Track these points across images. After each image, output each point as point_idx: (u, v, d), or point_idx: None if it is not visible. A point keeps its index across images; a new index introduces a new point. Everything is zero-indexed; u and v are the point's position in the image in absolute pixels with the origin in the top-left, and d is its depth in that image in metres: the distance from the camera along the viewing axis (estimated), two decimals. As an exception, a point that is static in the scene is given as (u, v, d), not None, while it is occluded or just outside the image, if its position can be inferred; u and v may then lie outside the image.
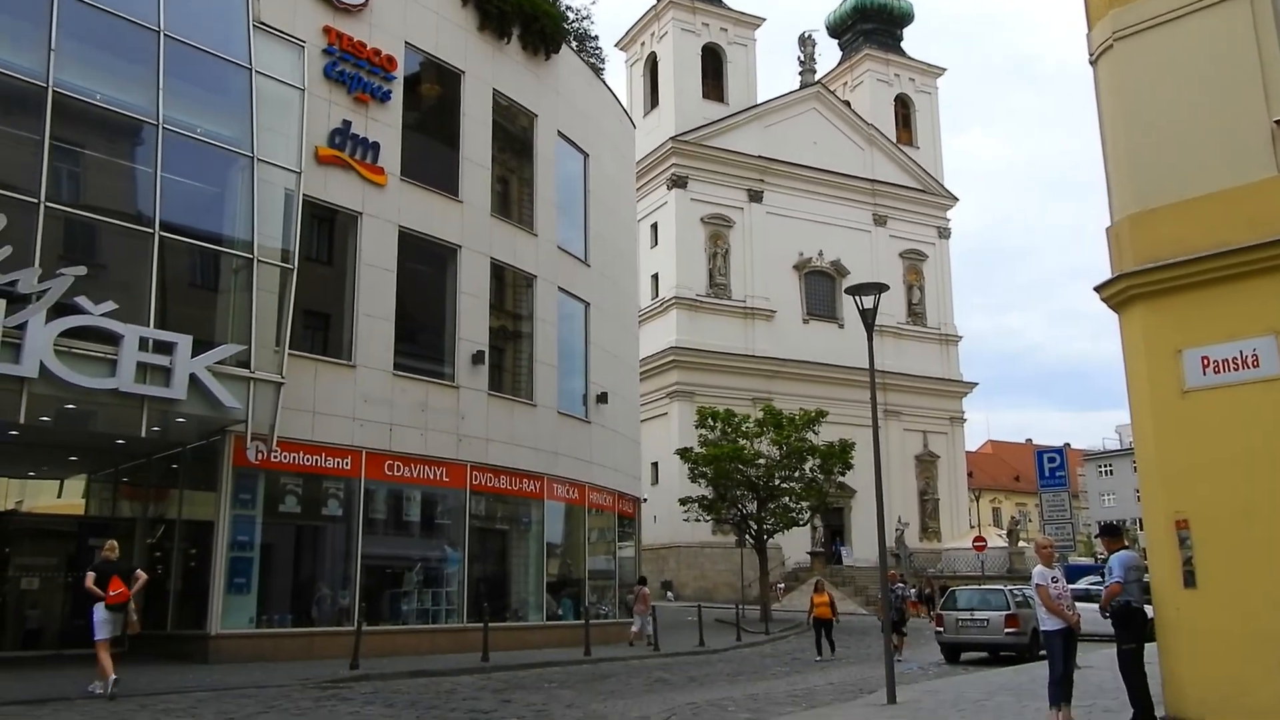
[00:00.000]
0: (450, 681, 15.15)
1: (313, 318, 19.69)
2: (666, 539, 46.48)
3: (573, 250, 25.63)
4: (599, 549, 25.94)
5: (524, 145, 24.83)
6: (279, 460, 17.43)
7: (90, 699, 11.86)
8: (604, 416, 26.04)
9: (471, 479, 20.99)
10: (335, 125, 19.39)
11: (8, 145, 15.02)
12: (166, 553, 19.14)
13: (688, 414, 45.67)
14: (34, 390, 13.81)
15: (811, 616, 21.79)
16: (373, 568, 19.23)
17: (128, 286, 15.30)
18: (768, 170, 55.31)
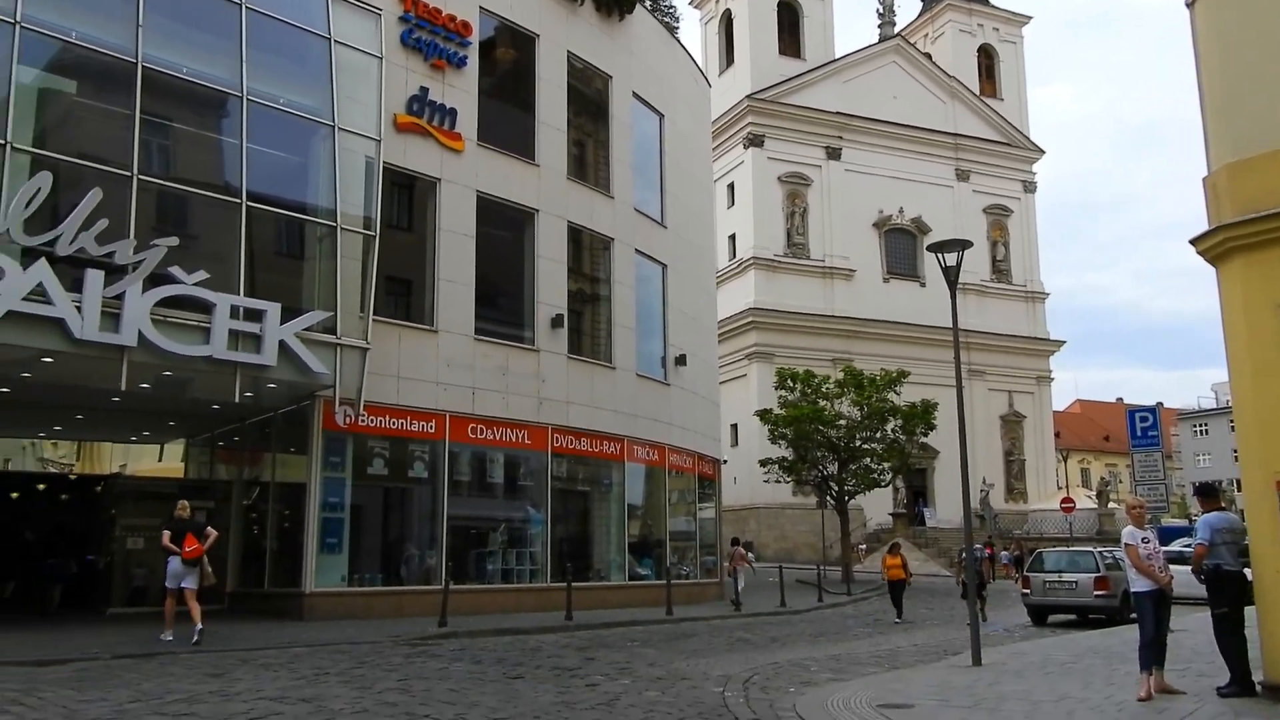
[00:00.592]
0: (535, 639, 15.43)
1: (395, 284, 20.00)
2: (746, 500, 46.47)
3: (649, 212, 25.54)
4: (679, 510, 26.05)
5: (599, 107, 24.74)
6: (366, 424, 17.82)
7: (194, 651, 12.35)
8: (683, 379, 26.04)
9: (552, 441, 21.22)
10: (413, 92, 19.56)
11: (101, 121, 15.51)
12: (261, 514, 19.78)
13: (767, 375, 45.40)
14: (133, 358, 14.32)
15: (885, 579, 21.65)
16: (458, 528, 19.62)
17: (218, 256, 15.71)
18: (846, 127, 54.29)
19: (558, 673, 11.33)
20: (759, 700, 9.54)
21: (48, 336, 13.51)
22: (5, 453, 31.52)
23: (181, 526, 13.74)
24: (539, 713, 8.51)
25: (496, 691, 9.75)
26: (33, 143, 14.24)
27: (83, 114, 15.96)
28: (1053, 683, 10.21)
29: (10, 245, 13.23)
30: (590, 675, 11.15)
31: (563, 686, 10.22)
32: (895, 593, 21.07)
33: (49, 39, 14.44)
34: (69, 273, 13.64)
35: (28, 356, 14.08)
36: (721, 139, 50.57)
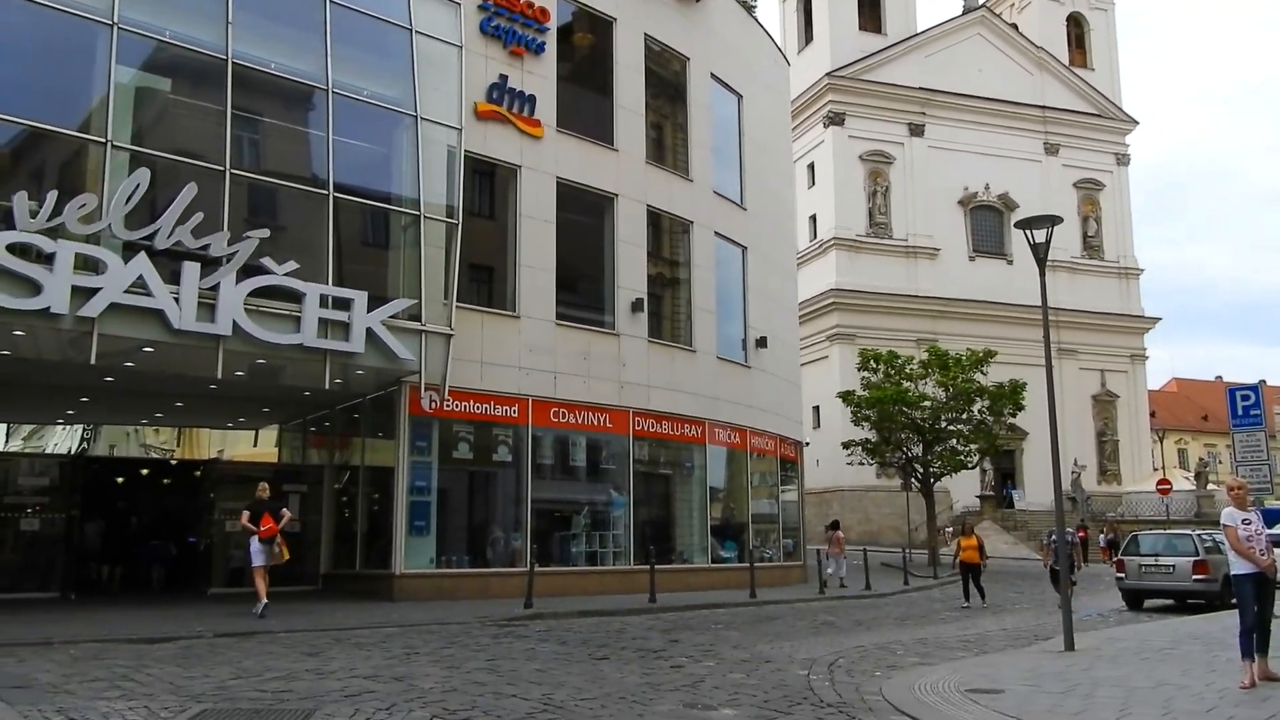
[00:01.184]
0: (619, 621, 15.56)
1: (477, 271, 20.26)
2: (829, 483, 46.10)
3: (728, 194, 25.41)
4: (761, 493, 25.96)
5: (677, 90, 24.66)
6: (451, 409, 18.13)
7: (290, 632, 12.75)
8: (764, 361, 25.90)
9: (634, 425, 21.32)
10: (493, 80, 19.75)
11: (195, 117, 16.00)
12: (352, 497, 20.29)
13: (849, 357, 44.88)
14: (228, 347, 14.79)
15: (958, 561, 20.96)
16: (542, 511, 19.86)
17: (306, 246, 16.12)
18: (929, 102, 53.18)
19: (642, 654, 11.42)
20: (845, 684, 9.49)
21: (148, 327, 14.03)
22: (111, 439, 32.86)
23: (259, 507, 14.97)
24: (625, 693, 8.59)
25: (582, 672, 9.87)
26: (131, 140, 14.78)
27: (177, 111, 16.48)
28: (1150, 669, 9.94)
29: (112, 240, 13.77)
30: (675, 657, 11.22)
31: (648, 668, 10.29)
32: (969, 576, 20.20)
33: (144, 39, 14.96)
34: (167, 265, 14.14)
35: (130, 346, 14.64)
36: (801, 118, 50.01)
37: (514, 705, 7.89)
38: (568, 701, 8.11)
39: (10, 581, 18.28)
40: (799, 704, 8.31)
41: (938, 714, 7.78)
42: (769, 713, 7.88)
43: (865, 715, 7.91)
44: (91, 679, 8.72)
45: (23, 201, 13.07)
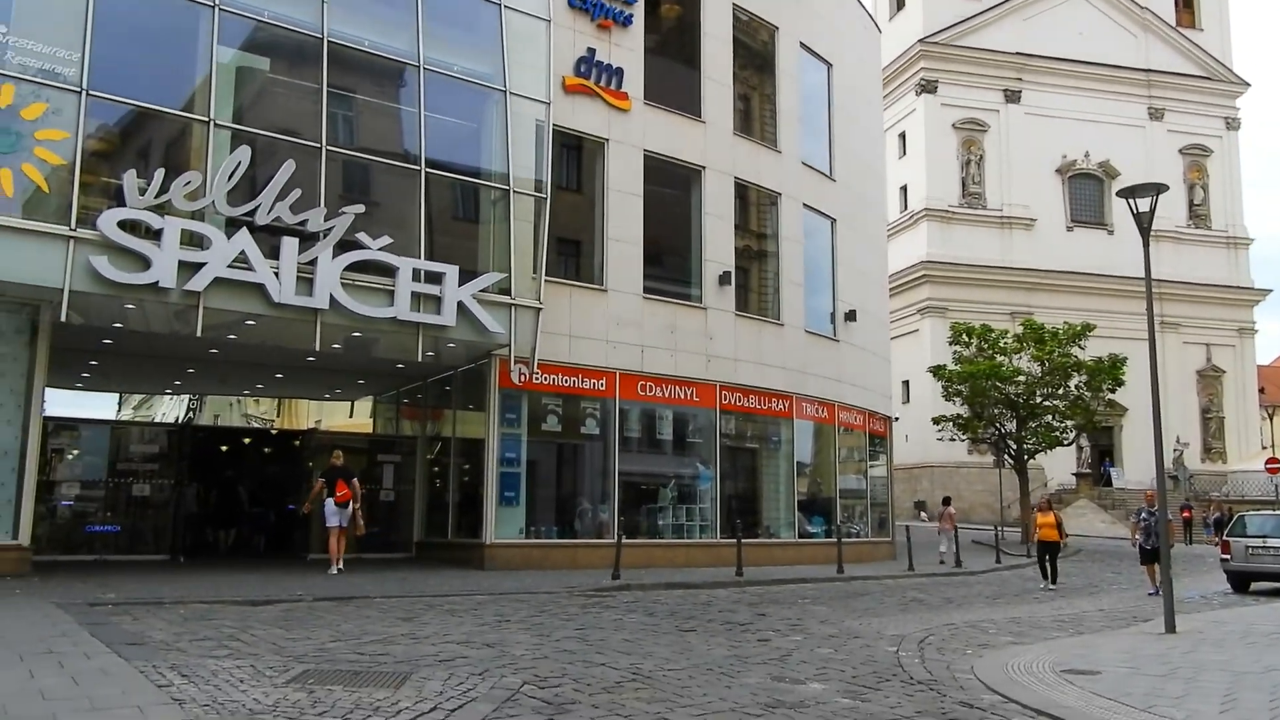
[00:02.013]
0: (706, 594, 15.62)
1: (565, 244, 20.39)
2: (919, 458, 45.45)
3: (817, 165, 25.06)
4: (849, 468, 25.73)
5: (765, 60, 24.36)
6: (540, 382, 18.37)
7: (386, 597, 13.11)
8: (852, 334, 25.58)
9: (721, 399, 21.28)
10: (580, 54, 19.77)
11: (293, 96, 16.38)
12: (444, 468, 20.71)
13: (940, 330, 44.06)
14: (325, 320, 15.18)
15: (1035, 539, 20.08)
16: (629, 484, 20.01)
17: (399, 221, 16.42)
18: (1026, 67, 51.55)
19: (729, 627, 11.45)
20: (935, 661, 9.38)
21: (250, 301, 14.48)
22: (215, 409, 34.09)
23: (334, 474, 16.55)
24: (712, 665, 8.64)
25: (670, 643, 9.94)
26: (232, 119, 15.21)
27: (275, 90, 16.89)
28: (1257, 654, 9.61)
29: (216, 216, 14.22)
30: (762, 631, 11.23)
31: (735, 641, 10.32)
32: (1046, 555, 19.28)
33: (244, 19, 15.37)
34: (267, 240, 14.55)
35: (233, 320, 15.14)
36: (892, 86, 48.96)
37: (603, 674, 8.00)
38: (655, 672, 8.19)
39: (124, 544, 19.20)
40: (888, 680, 8.25)
41: (1032, 694, 7.64)
42: (857, 688, 7.85)
43: (956, 693, 7.81)
44: (200, 638, 9.10)
45: (132, 179, 13.59)
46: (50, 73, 13.41)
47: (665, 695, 7.23)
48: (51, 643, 8.17)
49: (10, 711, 5.64)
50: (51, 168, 13.36)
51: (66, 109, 13.39)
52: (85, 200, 13.51)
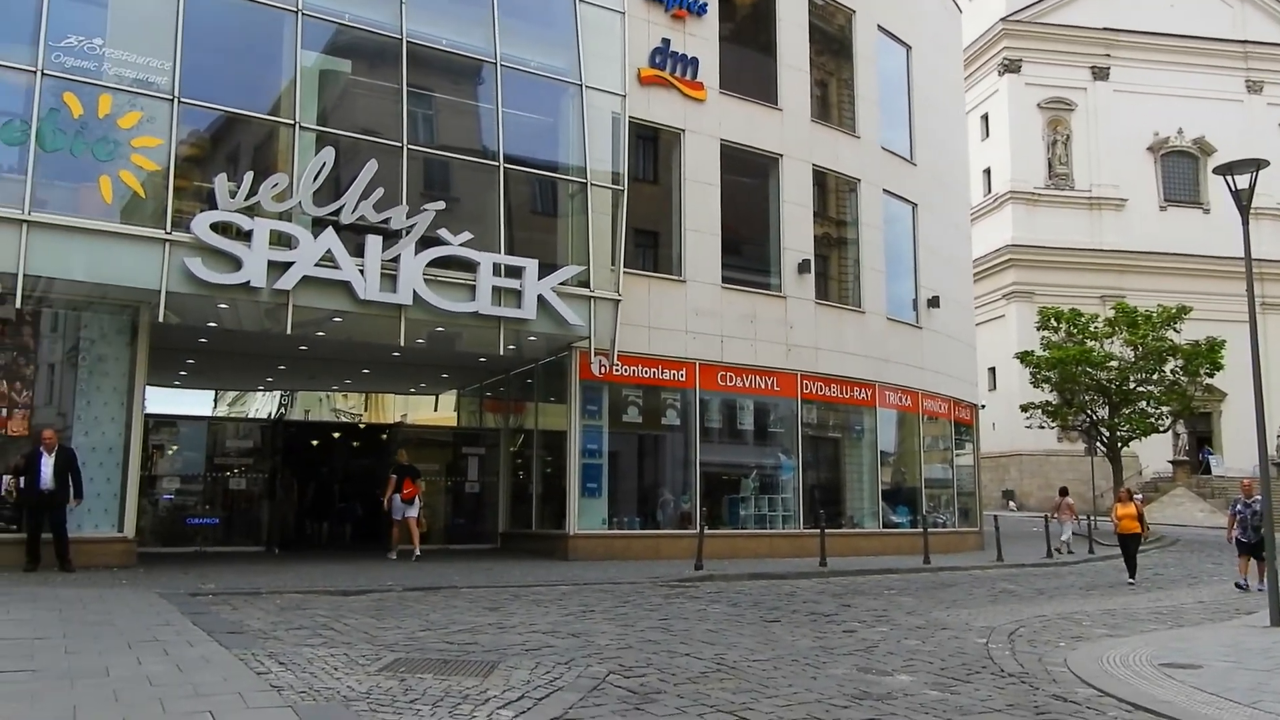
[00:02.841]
0: (789, 585, 15.53)
1: (643, 236, 20.43)
2: (1006, 447, 44.50)
3: (897, 150, 24.66)
4: (934, 457, 25.31)
5: (842, 45, 24.04)
6: (620, 373, 18.44)
7: (473, 587, 13.33)
8: (936, 321, 25.13)
9: (802, 388, 21.12)
10: (655, 45, 19.77)
11: (374, 96, 16.72)
12: (527, 460, 20.95)
13: (1027, 315, 43.07)
14: (409, 316, 15.47)
15: (1116, 531, 18.96)
16: (710, 474, 19.99)
17: (479, 216, 16.65)
18: (1114, 43, 49.94)
19: (814, 618, 11.38)
20: (1026, 654, 9.19)
21: (337, 298, 14.83)
22: (305, 404, 34.94)
23: (401, 471, 17.87)
24: (797, 656, 8.59)
25: (754, 634, 9.92)
26: (316, 121, 15.58)
27: (357, 91, 17.25)
28: (1370, 648, 9.20)
29: (302, 216, 14.60)
30: (847, 622, 11.13)
31: (820, 631, 10.25)
32: (1128, 549, 18.25)
33: (325, 23, 15.71)
34: (352, 239, 14.88)
35: (321, 317, 15.52)
36: (974, 67, 47.92)
37: (688, 664, 8.01)
38: (740, 662, 8.18)
39: (222, 536, 19.85)
40: (977, 673, 8.11)
41: (1129, 688, 7.44)
42: (946, 680, 7.73)
43: (1049, 686, 7.64)
44: (296, 626, 9.37)
45: (223, 183, 14.01)
46: (144, 82, 13.91)
47: (750, 686, 7.22)
48: (156, 631, 8.49)
49: (121, 697, 5.88)
50: (147, 174, 13.85)
51: (160, 116, 13.86)
52: (179, 204, 13.97)
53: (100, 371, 14.76)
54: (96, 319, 14.81)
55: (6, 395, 14.12)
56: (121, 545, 14.58)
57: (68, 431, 14.42)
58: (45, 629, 8.40)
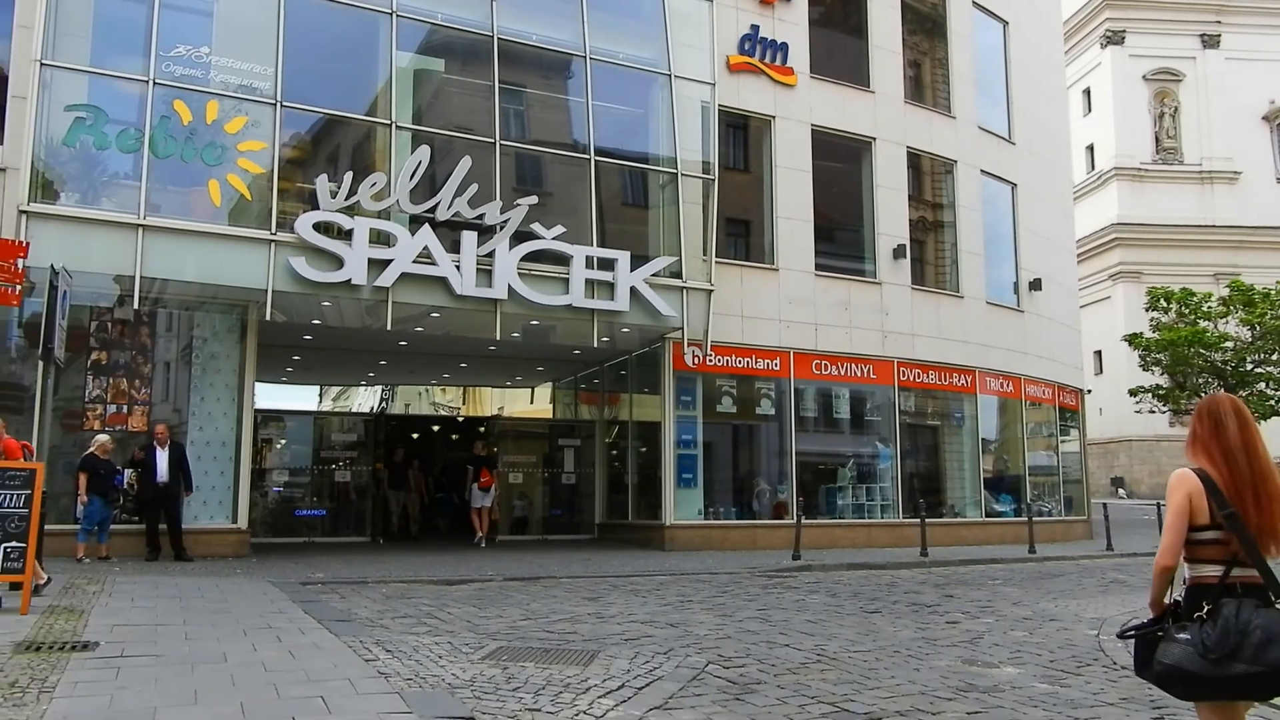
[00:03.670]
0: (890, 575, 15.31)
1: (734, 224, 20.33)
2: (1114, 432, 43.07)
3: (995, 129, 24.00)
4: (1038, 444, 24.62)
5: (935, 23, 23.49)
6: (713, 363, 18.39)
7: (572, 577, 13.48)
8: (1038, 304, 24.42)
9: (898, 375, 20.77)
10: (744, 31, 19.62)
11: (466, 94, 16.99)
12: (622, 451, 21.07)
13: (1135, 296, 41.58)
14: (505, 310, 15.69)
15: None
16: (806, 464, 19.81)
17: (571, 210, 16.77)
18: (1225, 8, 47.75)
19: (916, 609, 11.19)
20: (1140, 646, 8.86)
21: (434, 294, 15.13)
22: (405, 398, 35.77)
23: (479, 462, 19.41)
24: (899, 647, 8.46)
25: (854, 625, 9.80)
26: (412, 120, 15.92)
27: (450, 89, 17.54)
28: None
29: (400, 214, 14.93)
30: (950, 612, 10.92)
31: (922, 622, 10.08)
32: None
33: (419, 23, 16.02)
34: (448, 235, 15.15)
35: (419, 313, 15.85)
36: (1074, 41, 46.37)
37: (787, 655, 7.96)
38: (841, 653, 8.10)
39: (329, 527, 20.46)
40: (1089, 665, 7.87)
41: (1252, 682, 7.12)
42: (1055, 673, 7.52)
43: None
44: (401, 615, 9.61)
45: (324, 183, 14.41)
46: (248, 88, 14.39)
47: (852, 677, 7.14)
48: (270, 618, 8.80)
49: (238, 682, 6.12)
50: (252, 177, 14.33)
51: (263, 121, 14.32)
52: (283, 205, 14.42)
53: (212, 369, 15.36)
54: (208, 318, 15.41)
55: (126, 393, 14.79)
56: (236, 536, 15.15)
57: (183, 427, 15.06)
58: (167, 616, 8.78)
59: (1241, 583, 3.54)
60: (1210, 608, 3.52)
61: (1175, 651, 3.53)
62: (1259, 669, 3.34)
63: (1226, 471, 3.60)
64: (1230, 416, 3.67)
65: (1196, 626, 3.52)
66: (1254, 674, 3.36)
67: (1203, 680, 3.43)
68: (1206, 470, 3.64)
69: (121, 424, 14.73)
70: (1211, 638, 3.43)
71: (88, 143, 13.64)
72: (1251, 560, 3.51)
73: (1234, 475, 3.58)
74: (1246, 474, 3.57)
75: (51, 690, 5.72)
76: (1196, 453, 3.74)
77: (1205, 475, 3.62)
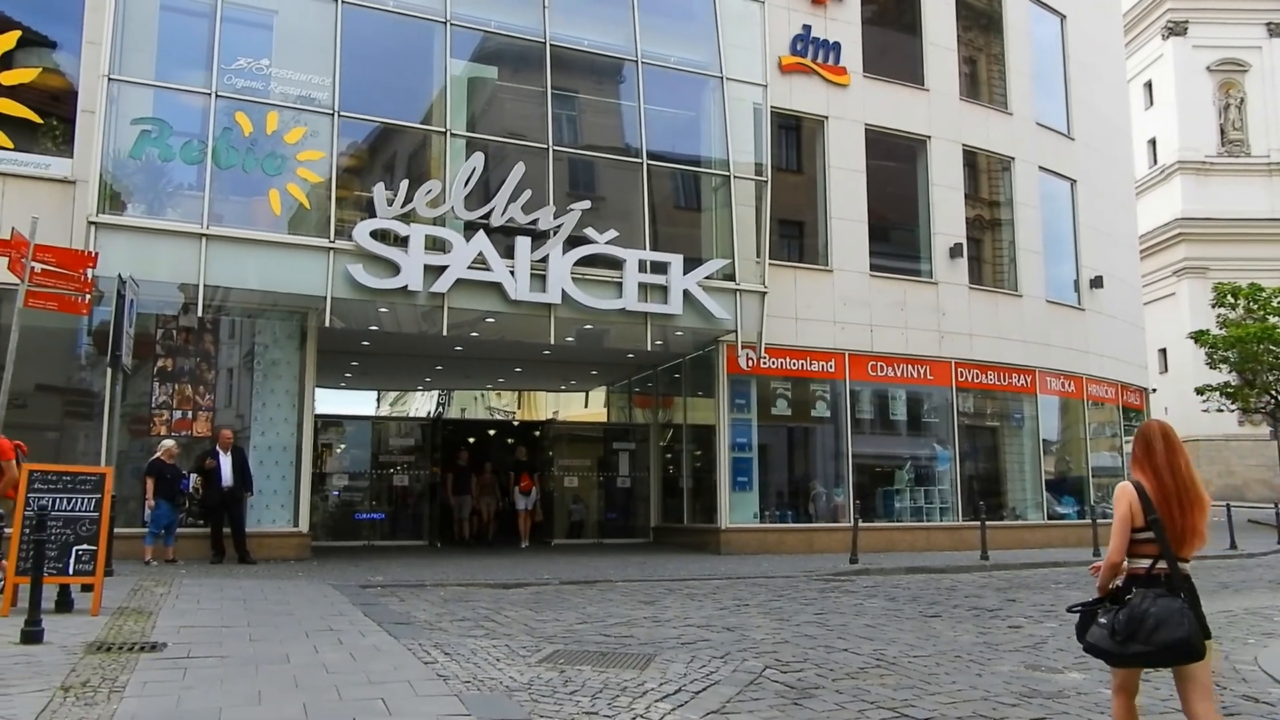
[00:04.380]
0: (949, 578, 15.11)
1: (788, 226, 20.23)
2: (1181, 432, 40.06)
3: (1053, 125, 23.59)
4: (1101, 444, 24.13)
5: (991, 18, 23.17)
6: (768, 366, 18.33)
7: (627, 581, 13.50)
8: (1099, 302, 23.95)
9: (956, 376, 20.50)
10: (796, 32, 19.54)
11: (519, 100, 17.12)
12: (676, 454, 21.05)
13: (1201, 292, 40.53)
14: (559, 314, 15.77)
15: None
16: (863, 466, 19.64)
17: (624, 214, 16.82)
18: (1293, -4, 46.37)
19: (977, 613, 11.03)
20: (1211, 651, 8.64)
21: (489, 299, 15.26)
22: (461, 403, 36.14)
23: (519, 467, 20.21)
24: (960, 652, 8.34)
25: (914, 629, 9.68)
26: (466, 127, 16.09)
27: (503, 96, 17.70)
28: None
29: (455, 220, 15.09)
30: (1012, 617, 10.74)
31: (983, 627, 9.93)
32: None
33: (473, 31, 16.19)
34: (502, 241, 15.28)
35: (475, 318, 16.00)
36: (1134, 33, 45.39)
37: (846, 659, 7.89)
38: (900, 658, 8.00)
39: (388, 530, 20.71)
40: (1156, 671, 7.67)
41: (1329, 690, 6.92)
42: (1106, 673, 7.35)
43: (1238, 686, 7.18)
44: (459, 618, 9.69)
45: (381, 191, 14.61)
46: (307, 99, 14.66)
47: (912, 682, 7.05)
48: (331, 621, 8.94)
49: (301, 683, 6.22)
50: (311, 186, 14.59)
51: (322, 131, 14.58)
52: (341, 214, 14.66)
53: (274, 374, 15.64)
54: (269, 325, 15.70)
55: (191, 399, 15.13)
56: (297, 539, 15.41)
57: (245, 432, 15.35)
58: (232, 618, 8.96)
59: (1164, 574, 4.43)
60: (1125, 598, 4.42)
61: (1096, 632, 4.50)
62: (1150, 648, 4.31)
63: (1156, 484, 4.46)
64: (1158, 440, 4.58)
65: (1113, 613, 4.42)
66: (1147, 651, 4.33)
67: (1113, 655, 4.43)
68: (1142, 483, 4.48)
69: (186, 429, 15.06)
70: (1120, 623, 4.35)
71: (153, 155, 13.99)
72: (1165, 557, 4.42)
73: (1161, 487, 4.45)
74: (1171, 486, 4.45)
75: (121, 690, 5.86)
76: (1135, 469, 4.58)
77: (1140, 487, 4.48)
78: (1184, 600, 4.39)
